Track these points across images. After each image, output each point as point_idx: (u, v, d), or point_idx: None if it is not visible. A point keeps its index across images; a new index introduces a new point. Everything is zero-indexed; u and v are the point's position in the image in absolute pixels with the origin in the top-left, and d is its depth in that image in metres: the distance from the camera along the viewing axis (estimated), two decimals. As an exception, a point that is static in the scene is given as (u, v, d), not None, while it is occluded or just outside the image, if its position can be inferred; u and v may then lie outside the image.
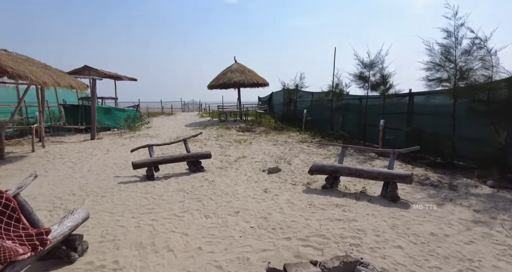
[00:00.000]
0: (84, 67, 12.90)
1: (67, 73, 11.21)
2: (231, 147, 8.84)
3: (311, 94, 13.72)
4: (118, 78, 15.39)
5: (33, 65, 6.33)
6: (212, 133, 12.19)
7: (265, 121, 15.50)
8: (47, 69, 7.04)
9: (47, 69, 6.99)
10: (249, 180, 5.33)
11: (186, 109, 26.21)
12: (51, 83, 6.21)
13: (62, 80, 6.93)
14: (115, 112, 13.32)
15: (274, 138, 10.52)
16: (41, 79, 5.76)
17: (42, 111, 9.15)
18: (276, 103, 19.73)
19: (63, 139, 10.46)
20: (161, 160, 5.72)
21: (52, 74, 6.70)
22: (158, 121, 17.95)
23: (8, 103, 10.94)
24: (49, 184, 5.14)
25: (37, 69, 6.12)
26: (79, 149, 8.45)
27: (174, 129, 13.86)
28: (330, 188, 4.54)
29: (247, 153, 7.75)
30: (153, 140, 10.40)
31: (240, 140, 10.13)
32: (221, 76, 16.67)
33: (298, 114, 15.02)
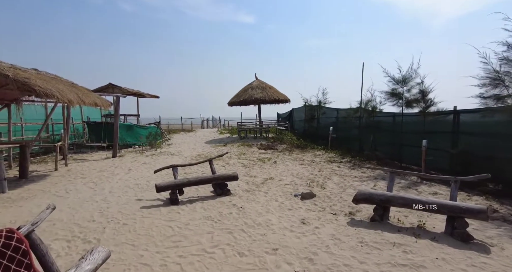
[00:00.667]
0: (109, 85, 13.13)
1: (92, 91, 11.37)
2: (255, 166, 8.37)
3: (336, 111, 13.17)
4: (140, 95, 15.58)
5: (60, 83, 6.28)
6: (233, 150, 11.81)
7: (287, 138, 15.01)
8: (74, 87, 7.00)
9: (73, 87, 6.95)
10: (282, 207, 4.79)
11: (205, 125, 26.25)
12: (77, 101, 6.10)
13: (87, 98, 6.85)
14: (137, 129, 13.31)
15: (299, 157, 9.97)
16: (67, 97, 5.65)
17: (67, 129, 9.15)
18: (297, 119, 19.27)
19: (86, 157, 10.40)
20: (186, 182, 5.32)
21: (77, 92, 6.63)
22: (179, 138, 17.89)
23: (36, 120, 11.12)
24: (69, 208, 4.83)
25: (64, 87, 6.05)
26: (101, 168, 8.26)
27: (195, 146, 13.62)
28: (380, 220, 3.92)
29: (274, 174, 7.23)
30: (175, 158, 10.12)
31: (264, 158, 9.65)
32: (241, 92, 16.53)
33: (321, 131, 14.44)
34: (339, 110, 13.03)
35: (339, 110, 12.99)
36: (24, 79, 4.94)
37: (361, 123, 10.49)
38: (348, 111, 11.28)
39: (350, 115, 11.04)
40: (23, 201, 5.19)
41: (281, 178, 6.77)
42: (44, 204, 5.02)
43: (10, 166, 8.20)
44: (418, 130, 7.68)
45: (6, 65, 5.29)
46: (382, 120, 9.66)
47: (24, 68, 5.85)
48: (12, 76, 4.89)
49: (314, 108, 14.71)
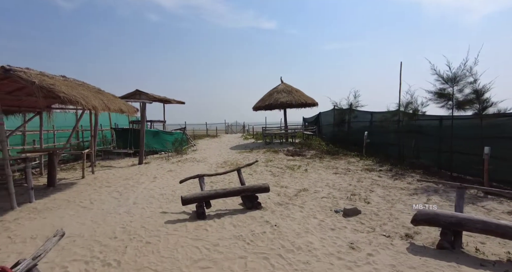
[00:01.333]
0: (136, 91, 13.22)
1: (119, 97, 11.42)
2: (285, 175, 7.77)
3: (370, 114, 12.25)
4: (167, 101, 15.61)
5: (86, 90, 6.14)
6: (259, 157, 11.29)
7: (315, 143, 14.23)
8: (100, 94, 6.87)
9: (99, 94, 6.83)
10: (323, 225, 4.16)
11: (230, 130, 26.05)
12: (101, 107, 5.92)
13: (112, 104, 6.68)
14: (163, 135, 13.24)
15: (332, 165, 9.22)
16: (91, 104, 5.46)
17: (94, 136, 9.15)
18: (324, 124, 18.39)
19: (113, 164, 10.38)
20: (214, 194, 4.85)
21: (103, 98, 6.48)
22: (204, 143, 17.73)
23: (67, 127, 11.32)
24: (92, 221, 4.53)
25: (89, 93, 5.89)
26: (127, 176, 8.08)
27: (220, 152, 13.28)
28: (451, 248, 3.17)
29: (307, 185, 6.59)
30: (200, 165, 9.79)
31: (293, 166, 9.02)
32: (267, 97, 16.05)
33: (353, 136, 13.53)
34: (373, 113, 12.11)
35: (374, 113, 12.07)
36: (49, 86, 4.78)
37: (400, 127, 9.55)
38: (385, 114, 10.36)
39: (387, 118, 10.11)
40: (47, 212, 4.99)
41: (316, 190, 6.12)
42: (68, 215, 4.79)
43: (41, 173, 8.26)
44: (472, 135, 6.72)
45: (35, 72, 5.19)
46: (425, 123, 8.69)
47: (52, 75, 5.77)
48: (38, 82, 4.74)
49: (345, 111, 13.84)
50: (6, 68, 4.64)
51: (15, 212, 4.90)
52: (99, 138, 13.21)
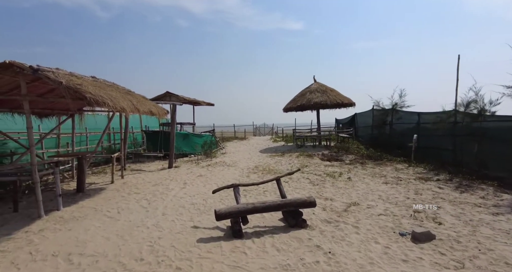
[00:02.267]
0: (166, 93, 13.08)
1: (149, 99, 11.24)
2: (326, 184, 6.93)
3: (417, 115, 10.95)
4: (196, 103, 15.40)
5: (115, 91, 5.80)
6: (292, 161, 10.50)
7: (353, 147, 13.13)
8: (129, 95, 6.54)
9: (129, 95, 6.49)
10: (390, 255, 3.31)
11: (258, 132, 25.48)
12: (130, 109, 5.53)
13: (142, 106, 6.31)
14: (192, 138, 12.94)
15: (378, 172, 8.20)
16: (119, 105, 5.08)
17: (125, 138, 8.95)
18: (361, 125, 17.12)
19: (143, 167, 10.16)
20: (251, 209, 4.19)
21: (133, 99, 6.11)
22: (232, 146, 17.28)
23: (98, 130, 11.35)
24: (117, 235, 4.07)
25: (118, 94, 5.53)
26: (156, 181, 7.72)
27: (250, 156, 12.67)
28: None
29: (356, 197, 5.71)
30: (231, 170, 9.22)
31: (333, 173, 8.13)
32: (298, 97, 15.21)
33: (397, 139, 12.25)
34: (421, 114, 10.80)
35: (422, 114, 10.76)
36: (76, 86, 4.43)
37: (458, 130, 8.28)
38: (439, 115, 9.10)
39: (442, 120, 8.85)
40: (73, 222, 4.64)
41: (369, 204, 5.22)
42: (93, 227, 4.38)
43: (73, 176, 8.16)
44: None
45: (63, 72, 4.90)
46: (495, 126, 7.38)
47: (81, 76, 5.49)
48: (65, 83, 4.40)
49: (387, 112, 12.60)
50: (35, 68, 4.35)
51: (41, 221, 4.60)
52: (130, 140, 13.21)
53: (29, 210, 5.05)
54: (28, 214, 4.87)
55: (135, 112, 5.97)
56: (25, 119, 4.56)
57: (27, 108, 4.52)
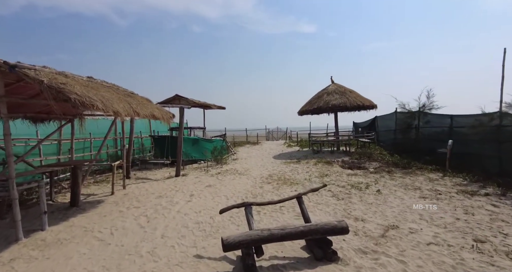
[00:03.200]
0: (175, 96, 12.47)
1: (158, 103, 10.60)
2: (353, 198, 5.98)
3: (450, 118, 9.81)
4: (207, 107, 14.72)
5: (113, 93, 5.12)
6: (310, 169, 9.56)
7: (375, 153, 12.04)
8: (130, 97, 5.86)
9: (129, 97, 5.81)
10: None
11: (270, 137, 24.59)
12: (126, 112, 4.82)
13: (143, 109, 5.61)
14: (202, 143, 12.23)
15: (409, 183, 7.16)
16: (112, 108, 4.37)
17: (129, 144, 8.31)
18: (382, 129, 15.94)
19: (148, 175, 9.49)
20: (267, 237, 3.33)
21: (132, 102, 5.42)
22: (244, 151, 16.48)
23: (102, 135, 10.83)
24: (103, 268, 3.31)
25: (114, 96, 4.84)
26: (160, 192, 6.99)
27: (263, 162, 11.82)
28: None
29: (392, 216, 4.75)
30: (242, 179, 8.39)
31: (358, 184, 7.17)
32: (315, 99, 14.27)
33: (425, 144, 11.10)
34: (454, 117, 9.66)
35: (455, 117, 9.62)
36: (59, 86, 3.75)
37: (505, 135, 7.15)
38: (478, 117, 7.98)
39: (483, 123, 7.72)
40: (55, 247, 3.91)
41: (411, 227, 4.25)
42: (77, 255, 3.64)
43: (73, 185, 7.55)
44: None
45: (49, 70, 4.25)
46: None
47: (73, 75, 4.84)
48: (47, 82, 3.72)
49: (414, 115, 11.47)
50: (11, 64, 3.70)
51: (18, 246, 3.90)
52: (137, 146, 12.65)
53: (10, 230, 4.38)
54: (5, 236, 4.19)
55: (134, 115, 5.26)
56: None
57: (4, 112, 3.87)
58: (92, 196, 6.63)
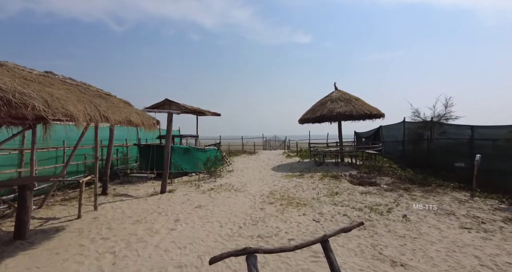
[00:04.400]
0: (165, 101, 11.31)
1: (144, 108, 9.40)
2: (377, 227, 4.82)
3: (470, 129, 8.82)
4: (200, 113, 13.56)
5: (72, 92, 3.94)
6: (317, 186, 8.39)
7: (385, 166, 10.94)
8: (102, 99, 4.67)
9: (101, 99, 4.62)
10: None
11: (268, 146, 23.41)
12: (88, 116, 3.65)
13: (115, 113, 4.42)
14: (194, 153, 10.99)
15: (441, 206, 6.03)
16: (62, 110, 3.17)
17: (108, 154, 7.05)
18: (388, 140, 14.94)
19: (130, 190, 8.20)
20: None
21: (101, 104, 4.22)
22: (240, 161, 15.25)
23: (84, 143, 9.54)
24: None
25: (70, 95, 3.65)
26: (139, 215, 5.73)
27: (262, 175, 10.61)
28: None
29: (440, 259, 3.58)
30: (239, 197, 7.18)
31: (377, 206, 6.03)
32: (318, 107, 13.22)
33: (440, 158, 10.08)
34: (476, 128, 8.68)
35: (477, 128, 8.64)
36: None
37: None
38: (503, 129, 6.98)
39: None
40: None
41: (477, 282, 3.09)
42: None
43: (41, 206, 6.24)
44: None
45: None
46: None
47: (24, 68, 3.66)
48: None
49: (427, 125, 10.47)
50: None
51: None
52: (121, 156, 11.35)
53: None
54: None
55: (100, 121, 4.08)
56: None
57: None
58: (52, 221, 5.33)
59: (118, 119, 4.42)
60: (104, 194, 7.50)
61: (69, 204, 6.46)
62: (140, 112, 5.70)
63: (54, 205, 6.37)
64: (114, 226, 5.05)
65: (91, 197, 7.03)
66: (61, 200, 6.85)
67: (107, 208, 6.21)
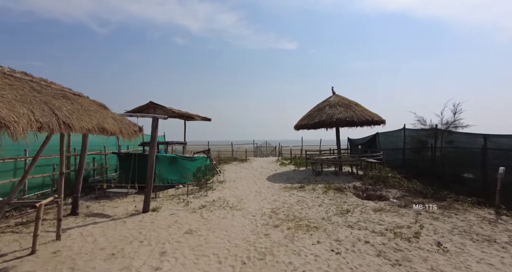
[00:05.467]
0: (149, 104, 10.13)
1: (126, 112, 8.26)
2: (415, 262, 3.93)
3: (483, 138, 8.22)
4: (189, 117, 12.43)
5: (19, 89, 2.81)
6: (323, 201, 7.47)
7: (388, 176, 10.19)
8: (67, 100, 3.55)
9: (65, 99, 3.50)
10: None
11: (259, 152, 22.39)
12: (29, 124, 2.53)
13: (83, 119, 3.32)
14: (182, 163, 9.83)
15: (468, 228, 5.25)
16: None
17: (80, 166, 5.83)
18: (386, 147, 14.32)
19: (106, 208, 6.98)
20: None
21: (63, 107, 3.12)
22: (232, 170, 14.14)
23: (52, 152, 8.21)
24: None
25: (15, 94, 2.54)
26: (116, 244, 4.57)
27: (258, 187, 9.60)
28: None
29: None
30: (236, 217, 6.13)
31: (398, 228, 5.20)
32: (315, 112, 12.41)
33: (447, 168, 9.45)
34: (489, 137, 8.09)
35: (491, 136, 8.05)
36: None
37: None
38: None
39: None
40: None
41: None
42: None
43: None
44: None
45: None
46: None
47: None
48: None
49: (432, 132, 9.84)
50: None
51: None
52: (98, 165, 10.02)
53: None
54: None
55: (57, 130, 2.96)
56: None
57: None
58: (-3, 258, 4.08)
59: (86, 126, 3.33)
60: (73, 214, 6.25)
61: (25, 231, 5.17)
62: (118, 117, 4.59)
63: (4, 233, 5.07)
64: (80, 264, 3.88)
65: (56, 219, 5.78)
66: (15, 224, 5.54)
67: (74, 235, 4.99)
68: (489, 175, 8.14)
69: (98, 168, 9.91)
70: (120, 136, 4.28)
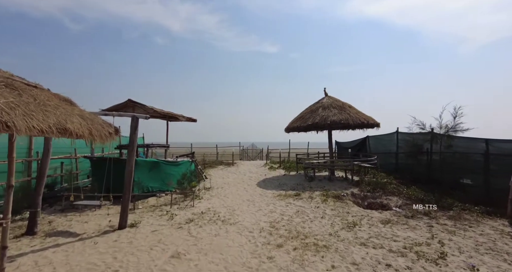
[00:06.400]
0: (127, 102, 9.01)
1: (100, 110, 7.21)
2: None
3: (485, 142, 7.92)
4: (173, 118, 11.37)
5: None
6: (324, 212, 6.79)
7: (385, 182, 9.71)
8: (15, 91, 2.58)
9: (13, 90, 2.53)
10: None
11: (245, 155, 21.51)
12: None
13: (32, 116, 2.37)
14: (164, 168, 8.80)
15: (492, 245, 4.74)
16: None
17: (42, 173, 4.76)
18: (377, 151, 13.98)
19: (73, 223, 5.87)
20: None
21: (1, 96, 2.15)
22: (218, 175, 13.16)
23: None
24: None
25: None
26: (81, 278, 3.58)
27: (249, 195, 8.77)
28: None
29: None
30: (231, 234, 5.27)
31: (418, 246, 4.60)
32: (307, 114, 11.79)
33: (446, 174, 9.11)
34: (491, 141, 7.80)
35: (493, 141, 7.77)
36: None
37: None
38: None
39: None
40: None
41: None
42: None
43: None
44: None
45: None
46: None
47: None
48: None
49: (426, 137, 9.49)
50: None
51: None
52: (66, 171, 8.75)
53: None
54: None
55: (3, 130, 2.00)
56: None
57: None
58: None
59: (38, 126, 2.39)
60: (30, 233, 5.12)
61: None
62: (88, 115, 3.61)
63: None
64: (30, 312, 2.87)
65: (12, 239, 4.63)
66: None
67: (26, 266, 3.91)
68: (491, 181, 7.86)
69: (66, 174, 8.64)
70: (89, 139, 3.32)
